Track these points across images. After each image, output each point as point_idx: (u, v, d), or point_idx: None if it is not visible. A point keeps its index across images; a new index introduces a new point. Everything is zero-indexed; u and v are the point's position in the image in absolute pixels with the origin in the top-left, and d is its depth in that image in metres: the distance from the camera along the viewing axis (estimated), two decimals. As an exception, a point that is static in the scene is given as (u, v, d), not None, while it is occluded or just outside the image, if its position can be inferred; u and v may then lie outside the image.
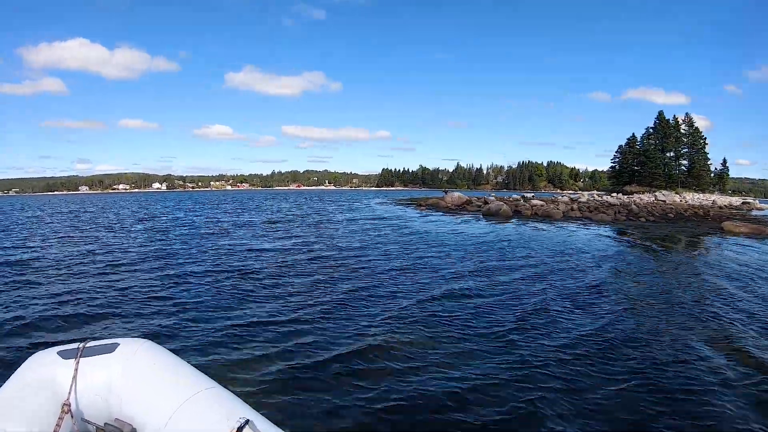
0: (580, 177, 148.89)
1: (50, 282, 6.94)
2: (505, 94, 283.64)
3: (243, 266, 8.08)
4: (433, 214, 23.10)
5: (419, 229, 14.87)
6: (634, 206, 25.72)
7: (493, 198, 29.21)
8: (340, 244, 11.00)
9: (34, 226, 17.91)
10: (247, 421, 1.55)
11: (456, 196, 30.88)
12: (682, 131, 53.19)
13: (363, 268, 7.93)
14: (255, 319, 4.87)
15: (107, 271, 7.76)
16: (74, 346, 2.05)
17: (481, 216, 21.55)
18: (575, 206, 24.22)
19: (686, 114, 54.02)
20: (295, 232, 14.10)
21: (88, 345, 2.06)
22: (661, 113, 54.05)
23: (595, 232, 15.36)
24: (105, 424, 1.91)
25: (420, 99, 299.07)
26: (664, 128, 53.13)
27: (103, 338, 2.20)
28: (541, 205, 23.88)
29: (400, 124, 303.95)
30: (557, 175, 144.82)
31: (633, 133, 56.54)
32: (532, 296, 6.04)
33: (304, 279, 7.00)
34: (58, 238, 13.09)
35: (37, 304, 5.66)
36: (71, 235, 14.00)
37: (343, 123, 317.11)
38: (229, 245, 10.88)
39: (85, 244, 11.27)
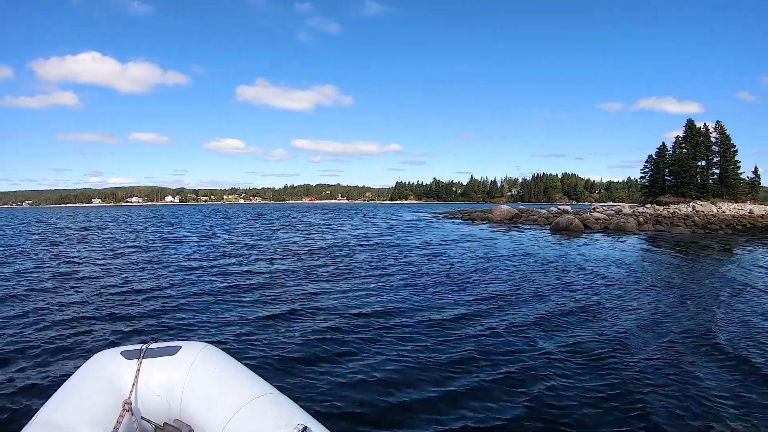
0: (595, 188, 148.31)
1: (113, 288, 7.33)
2: (516, 104, 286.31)
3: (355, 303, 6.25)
4: (499, 230, 22.27)
5: (524, 251, 13.40)
6: (697, 218, 25.05)
7: (544, 211, 28.70)
8: (477, 292, 7.10)
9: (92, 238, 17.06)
10: (305, 428, 1.54)
11: (505, 209, 30.90)
12: (713, 139, 52.76)
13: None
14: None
15: (174, 281, 8.00)
16: (137, 347, 2.10)
17: (550, 230, 20.99)
18: (641, 219, 23.60)
19: (717, 121, 53.48)
20: (373, 270, 9.29)
21: (150, 347, 2.09)
22: (690, 121, 53.49)
23: (708, 251, 14.65)
24: (164, 423, 1.94)
25: (432, 112, 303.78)
26: (695, 136, 52.65)
27: (165, 341, 2.20)
28: (606, 219, 23.27)
29: (412, 137, 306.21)
30: (572, 187, 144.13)
31: (663, 143, 56.18)
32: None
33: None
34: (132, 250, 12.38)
35: (102, 308, 5.95)
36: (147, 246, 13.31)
37: (354, 137, 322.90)
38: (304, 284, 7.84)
39: (155, 260, 11.21)
